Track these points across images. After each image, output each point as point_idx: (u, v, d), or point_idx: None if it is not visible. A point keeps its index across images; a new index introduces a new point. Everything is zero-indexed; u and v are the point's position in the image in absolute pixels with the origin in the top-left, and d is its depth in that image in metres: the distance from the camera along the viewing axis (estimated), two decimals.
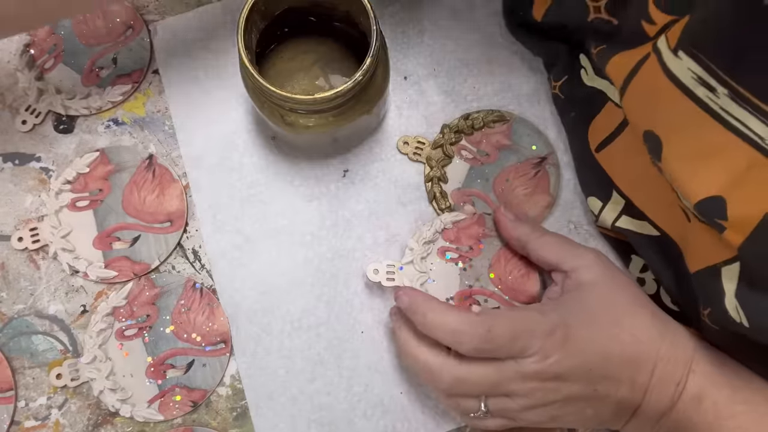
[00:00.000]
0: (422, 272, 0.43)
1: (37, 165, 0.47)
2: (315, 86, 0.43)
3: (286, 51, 0.43)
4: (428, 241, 0.44)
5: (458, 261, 0.44)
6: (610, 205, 0.41)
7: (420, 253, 0.43)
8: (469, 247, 0.44)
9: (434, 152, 0.45)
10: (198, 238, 0.46)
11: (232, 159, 0.46)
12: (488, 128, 0.46)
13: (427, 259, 0.44)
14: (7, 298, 0.45)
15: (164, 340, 0.44)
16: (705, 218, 0.31)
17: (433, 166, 0.45)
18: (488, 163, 0.45)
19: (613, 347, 0.35)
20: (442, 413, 0.44)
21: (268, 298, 0.45)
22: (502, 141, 0.45)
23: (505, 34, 0.47)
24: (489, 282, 0.43)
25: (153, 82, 0.47)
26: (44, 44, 0.47)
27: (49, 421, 0.44)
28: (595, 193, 0.43)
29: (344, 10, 0.40)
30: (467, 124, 0.45)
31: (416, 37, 0.47)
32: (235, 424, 0.44)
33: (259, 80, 0.36)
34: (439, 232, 0.44)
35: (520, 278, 0.43)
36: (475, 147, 0.46)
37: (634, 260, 0.43)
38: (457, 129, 0.45)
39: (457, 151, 0.45)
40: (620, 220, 0.41)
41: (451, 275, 0.44)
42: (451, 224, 0.44)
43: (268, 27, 0.41)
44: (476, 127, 0.45)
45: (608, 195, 0.42)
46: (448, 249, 0.44)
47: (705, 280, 0.33)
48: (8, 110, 0.47)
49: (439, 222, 0.44)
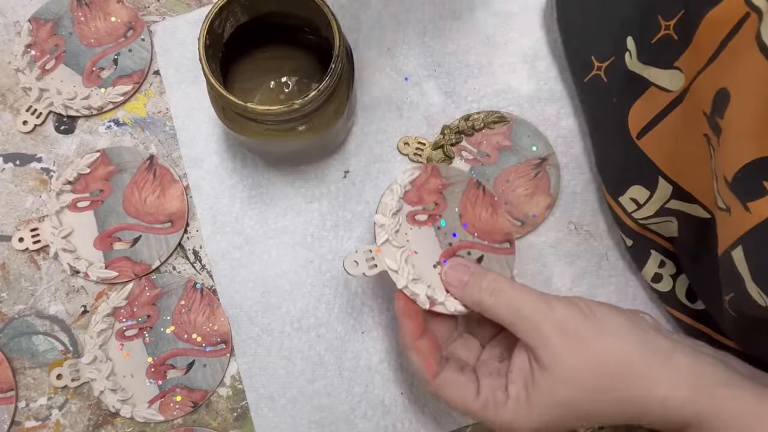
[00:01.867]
0: (401, 247, 0.40)
1: (38, 165, 0.47)
2: (277, 99, 0.43)
3: (250, 63, 0.44)
4: (395, 211, 0.41)
5: (430, 222, 0.42)
6: (658, 192, 0.41)
7: (393, 226, 0.41)
8: (434, 204, 0.42)
9: (435, 153, 0.46)
10: (198, 239, 0.46)
11: (233, 160, 0.46)
12: (489, 129, 0.46)
13: (401, 231, 0.41)
14: (7, 299, 0.45)
15: (165, 341, 0.44)
16: (745, 184, 0.30)
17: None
18: (489, 164, 0.45)
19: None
20: (443, 414, 0.44)
21: (269, 298, 0.45)
22: (503, 142, 0.45)
23: (506, 34, 0.47)
24: (465, 233, 0.42)
25: (154, 83, 0.47)
26: (45, 45, 0.47)
27: (49, 421, 0.44)
28: (639, 182, 0.42)
29: (306, 18, 0.40)
30: (468, 125, 0.45)
31: (417, 38, 0.47)
32: (236, 425, 0.44)
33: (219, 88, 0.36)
34: (401, 198, 0.42)
35: (491, 218, 0.42)
36: (476, 148, 0.46)
37: (653, 256, 0.43)
38: (458, 130, 0.45)
39: (458, 152, 0.45)
40: (670, 203, 0.40)
41: (429, 239, 0.41)
42: (408, 185, 0.42)
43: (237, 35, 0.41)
44: (477, 128, 0.45)
45: (655, 182, 0.41)
46: (416, 212, 0.42)
47: (725, 264, 0.33)
48: (9, 111, 0.47)
49: (398, 187, 0.41)
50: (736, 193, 0.31)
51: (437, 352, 0.37)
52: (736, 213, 0.32)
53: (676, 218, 0.41)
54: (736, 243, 0.32)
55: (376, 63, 0.47)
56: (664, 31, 0.40)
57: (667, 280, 0.43)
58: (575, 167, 0.46)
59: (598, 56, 0.43)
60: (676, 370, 0.32)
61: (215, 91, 0.36)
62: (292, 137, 0.39)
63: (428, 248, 0.41)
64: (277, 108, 0.35)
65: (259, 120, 0.37)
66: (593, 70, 0.44)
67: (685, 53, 0.38)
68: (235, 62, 0.43)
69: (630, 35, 0.41)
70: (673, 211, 0.41)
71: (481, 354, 0.39)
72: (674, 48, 0.39)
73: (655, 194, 0.41)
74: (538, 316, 0.33)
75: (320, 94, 0.36)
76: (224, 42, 0.40)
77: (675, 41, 0.39)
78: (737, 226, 0.32)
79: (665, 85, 0.39)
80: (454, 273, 0.38)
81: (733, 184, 0.31)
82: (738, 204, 0.31)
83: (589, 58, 0.44)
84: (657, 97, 0.40)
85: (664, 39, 0.40)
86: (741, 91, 0.31)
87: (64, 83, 0.47)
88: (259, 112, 0.35)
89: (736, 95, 0.31)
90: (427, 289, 0.38)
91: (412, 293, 0.38)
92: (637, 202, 0.42)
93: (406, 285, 0.38)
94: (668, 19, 0.39)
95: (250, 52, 0.43)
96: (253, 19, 0.40)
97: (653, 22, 0.40)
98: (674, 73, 0.39)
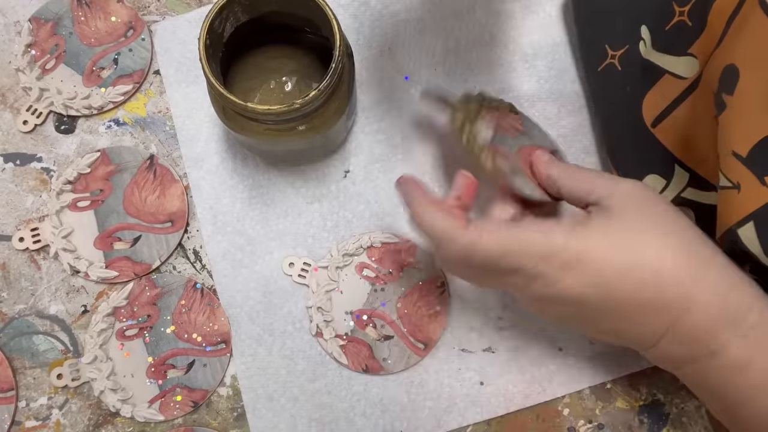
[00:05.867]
0: (333, 281, 0.44)
1: (38, 165, 0.47)
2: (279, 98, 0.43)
3: (254, 61, 0.44)
4: (349, 254, 0.44)
5: (374, 281, 0.44)
6: (675, 180, 0.40)
7: (337, 262, 0.43)
8: (389, 271, 0.44)
9: (464, 108, 0.40)
10: (199, 239, 0.46)
11: (233, 160, 0.46)
12: (503, 114, 0.41)
13: (343, 270, 0.44)
14: (8, 298, 0.45)
15: (165, 341, 0.44)
16: (762, 157, 0.30)
17: (465, 115, 0.39)
18: (509, 137, 0.40)
19: (626, 284, 0.32)
20: (443, 412, 0.44)
21: (271, 299, 0.45)
22: (517, 126, 0.41)
23: (506, 33, 0.47)
24: (395, 310, 0.44)
25: (154, 83, 0.47)
26: (46, 45, 0.47)
27: (49, 421, 0.44)
28: (655, 171, 0.41)
29: (306, 17, 0.40)
30: (485, 99, 0.41)
31: (418, 37, 0.47)
32: (236, 425, 0.44)
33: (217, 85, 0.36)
34: (364, 248, 0.44)
35: (426, 319, 0.44)
36: (494, 122, 0.40)
37: None
38: (477, 100, 0.41)
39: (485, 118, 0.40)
40: (686, 192, 0.40)
41: (360, 292, 0.44)
42: (379, 243, 0.44)
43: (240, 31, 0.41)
44: (493, 105, 0.41)
45: (671, 170, 0.41)
46: (368, 266, 0.44)
47: (729, 243, 0.33)
48: (9, 110, 0.47)
49: (366, 238, 0.44)
50: (751, 168, 0.31)
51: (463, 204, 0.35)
52: (749, 188, 0.31)
53: (692, 210, 0.41)
54: (745, 219, 0.31)
55: (376, 62, 0.47)
56: (678, 17, 0.39)
57: None
58: None
59: (612, 45, 0.43)
60: (712, 288, 0.31)
61: (215, 90, 0.36)
62: (292, 137, 0.39)
63: (354, 297, 0.44)
64: (278, 108, 0.35)
65: (259, 120, 0.37)
66: (607, 58, 0.43)
67: (700, 39, 0.37)
68: (236, 62, 0.43)
69: (644, 23, 0.41)
70: (689, 201, 0.40)
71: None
72: (688, 34, 0.38)
73: (672, 183, 0.41)
74: (612, 181, 0.34)
75: (321, 93, 0.36)
76: (224, 42, 0.40)
77: (689, 27, 0.38)
78: (747, 202, 0.31)
79: (680, 72, 0.39)
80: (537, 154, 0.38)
81: (749, 158, 0.31)
82: (753, 179, 0.31)
83: (603, 47, 0.44)
84: (671, 85, 0.39)
85: (679, 25, 0.39)
86: (749, 63, 0.31)
87: (64, 83, 0.47)
88: (259, 112, 0.35)
89: (745, 68, 0.31)
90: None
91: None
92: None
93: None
94: (682, 5, 0.38)
95: (250, 51, 0.43)
96: (254, 18, 0.40)
97: (667, 9, 0.40)
98: (689, 59, 0.39)
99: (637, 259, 0.31)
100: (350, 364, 0.44)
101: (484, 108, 0.39)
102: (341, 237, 0.45)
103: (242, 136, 0.39)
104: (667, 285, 0.31)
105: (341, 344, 0.44)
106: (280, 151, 0.43)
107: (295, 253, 0.45)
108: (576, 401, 0.44)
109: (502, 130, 0.39)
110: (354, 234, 0.45)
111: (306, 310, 0.44)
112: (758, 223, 0.31)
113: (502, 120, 0.40)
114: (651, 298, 0.31)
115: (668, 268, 0.31)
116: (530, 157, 0.38)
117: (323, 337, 0.44)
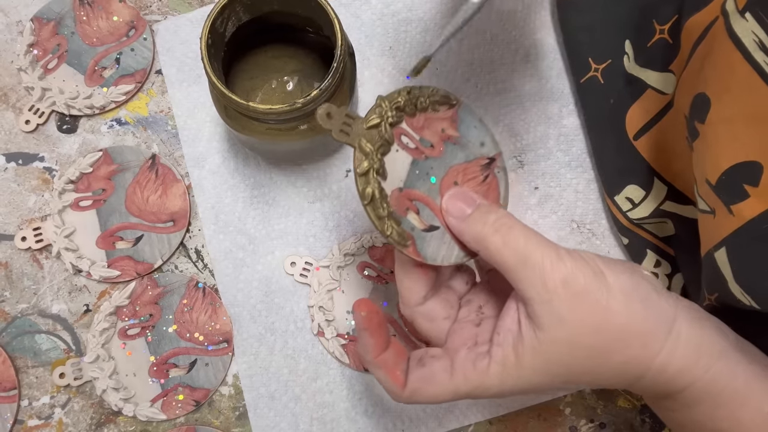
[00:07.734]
0: (334, 280, 0.43)
1: (41, 165, 0.47)
2: (280, 98, 0.44)
3: (255, 59, 0.44)
4: (350, 254, 0.43)
5: (375, 280, 0.44)
6: (653, 192, 0.42)
7: (338, 262, 0.43)
8: (391, 271, 0.43)
9: (368, 134, 0.32)
10: (200, 238, 0.46)
11: (235, 159, 0.46)
12: (433, 111, 0.35)
13: (345, 270, 0.44)
14: (10, 298, 0.45)
15: (167, 340, 0.44)
16: (728, 187, 0.31)
17: (369, 154, 0.31)
18: (433, 157, 0.34)
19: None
20: (444, 412, 0.44)
21: (273, 298, 0.45)
22: (449, 131, 0.35)
23: (508, 32, 0.47)
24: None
25: (156, 83, 0.48)
26: (48, 44, 0.47)
27: (52, 420, 0.44)
28: (635, 182, 0.43)
29: (308, 17, 0.40)
30: (410, 99, 0.34)
31: (419, 36, 0.47)
32: (238, 423, 0.44)
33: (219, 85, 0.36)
34: (365, 248, 0.43)
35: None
36: (418, 134, 0.34)
37: (649, 255, 0.43)
38: (398, 105, 0.33)
39: (397, 137, 0.33)
40: (665, 204, 0.41)
41: (362, 291, 0.44)
42: (381, 243, 0.43)
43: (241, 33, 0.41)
44: (420, 106, 0.34)
45: (650, 182, 0.42)
46: (370, 266, 0.44)
47: (708, 265, 0.33)
48: (12, 110, 0.47)
49: (368, 238, 0.43)
50: (720, 196, 0.32)
51: (404, 360, 0.33)
52: (720, 215, 0.32)
53: (671, 220, 0.42)
54: (719, 245, 0.32)
55: (378, 62, 0.47)
56: (659, 35, 0.40)
57: (663, 280, 0.43)
58: (577, 165, 0.46)
59: (594, 58, 0.44)
60: (677, 339, 0.30)
61: (217, 90, 0.36)
62: (294, 136, 0.39)
63: (356, 296, 0.42)
64: (279, 107, 0.35)
65: (261, 119, 0.37)
66: (590, 71, 0.44)
67: (677, 57, 0.38)
68: (237, 61, 0.43)
69: (628, 38, 0.42)
70: (668, 213, 0.41)
71: (458, 312, 0.34)
72: (669, 52, 0.40)
73: (651, 194, 0.42)
74: (547, 267, 0.29)
75: (322, 93, 0.36)
76: (226, 41, 0.40)
77: (670, 45, 0.40)
78: (721, 228, 0.32)
79: (661, 87, 0.40)
80: (455, 202, 0.33)
81: (717, 187, 0.32)
82: (722, 206, 0.32)
83: (586, 60, 0.44)
84: (653, 100, 0.41)
85: (660, 43, 0.41)
86: (719, 95, 0.31)
87: (66, 82, 0.47)
88: (261, 111, 0.35)
89: (715, 99, 0.32)
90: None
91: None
92: (633, 201, 0.43)
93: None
94: (663, 23, 0.40)
95: (252, 51, 0.43)
96: (255, 18, 0.40)
97: (649, 26, 0.41)
98: (668, 76, 0.40)
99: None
100: (352, 363, 0.44)
101: (395, 128, 0.33)
102: (343, 236, 0.45)
103: (244, 135, 0.39)
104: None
105: (343, 343, 0.44)
106: (282, 150, 0.43)
107: (297, 253, 0.45)
108: (578, 400, 0.44)
109: (427, 152, 0.33)
110: (355, 233, 0.45)
111: (307, 309, 0.44)
112: (729, 249, 0.32)
113: (427, 130, 0.34)
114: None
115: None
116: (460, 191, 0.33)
117: (325, 336, 0.44)
